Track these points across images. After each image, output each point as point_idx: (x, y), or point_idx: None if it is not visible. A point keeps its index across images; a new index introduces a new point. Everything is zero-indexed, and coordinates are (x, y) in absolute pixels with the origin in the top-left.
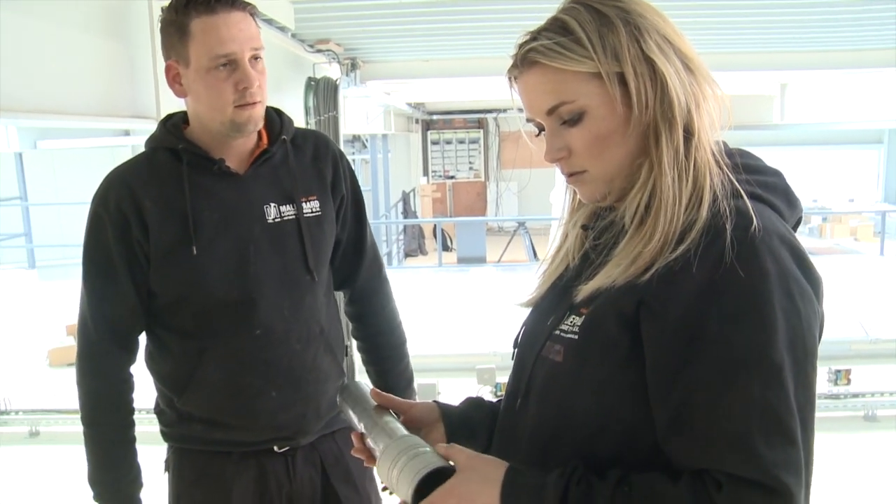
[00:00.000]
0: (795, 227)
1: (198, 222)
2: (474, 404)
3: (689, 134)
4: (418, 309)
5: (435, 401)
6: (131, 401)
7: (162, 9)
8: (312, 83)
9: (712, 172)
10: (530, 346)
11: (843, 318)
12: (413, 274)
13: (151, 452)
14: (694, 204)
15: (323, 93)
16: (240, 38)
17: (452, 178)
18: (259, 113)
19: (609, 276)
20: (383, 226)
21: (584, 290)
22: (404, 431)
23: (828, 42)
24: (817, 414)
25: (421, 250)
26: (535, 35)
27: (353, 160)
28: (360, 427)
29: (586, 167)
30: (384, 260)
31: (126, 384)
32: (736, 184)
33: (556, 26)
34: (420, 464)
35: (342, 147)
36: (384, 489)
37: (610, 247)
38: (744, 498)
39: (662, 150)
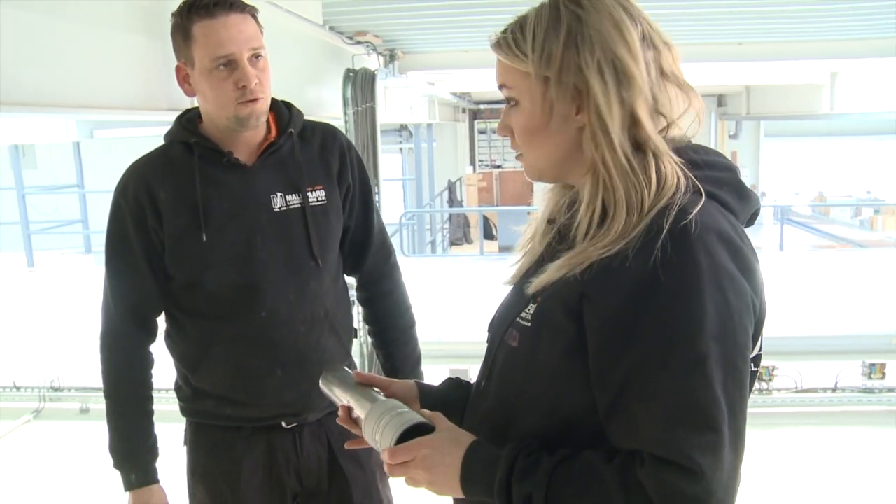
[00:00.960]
0: (752, 220)
1: (208, 211)
2: (453, 385)
3: (637, 146)
4: (456, 297)
5: (415, 380)
6: (149, 376)
7: (172, 14)
8: (351, 74)
9: (664, 176)
10: (497, 332)
11: (886, 313)
12: (454, 262)
13: (174, 429)
14: (644, 208)
15: (360, 84)
16: (238, 39)
17: (499, 167)
18: (261, 108)
19: (558, 270)
20: (427, 214)
21: (536, 283)
22: (386, 398)
23: (879, 29)
24: (851, 407)
25: (466, 239)
26: (507, 26)
27: (401, 149)
28: (345, 401)
29: (521, 150)
30: (429, 248)
31: (144, 361)
32: (694, 183)
33: (518, 22)
34: (403, 419)
35: (380, 137)
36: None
37: (568, 245)
38: (661, 475)
39: (609, 163)
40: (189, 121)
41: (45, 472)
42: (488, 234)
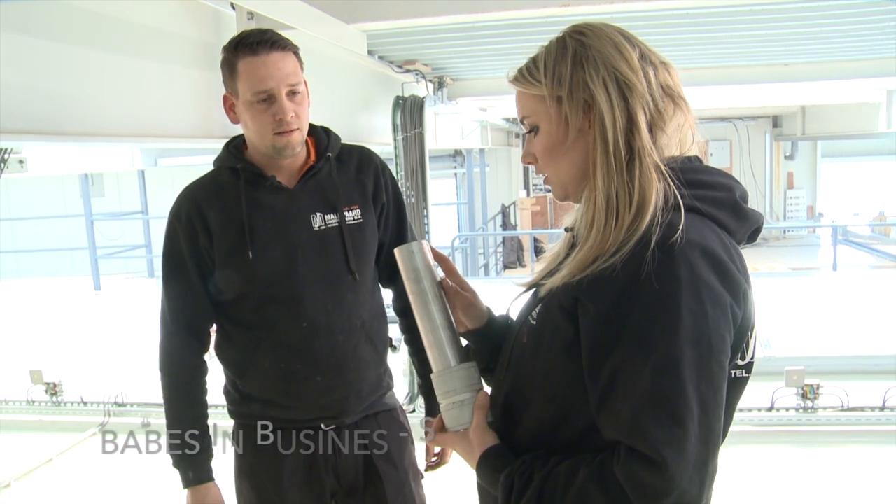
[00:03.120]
0: (754, 237)
1: (253, 230)
2: (507, 326)
3: (632, 154)
4: None
5: (489, 312)
6: (204, 383)
7: (222, 48)
8: (400, 101)
9: (657, 190)
10: (515, 329)
11: None
12: (503, 284)
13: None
14: (636, 218)
15: (410, 110)
16: (277, 75)
17: None
18: (296, 139)
19: (561, 276)
20: (480, 237)
21: (545, 286)
22: (455, 361)
23: None
24: None
25: (520, 262)
26: (527, 61)
27: (455, 174)
28: (414, 291)
29: (545, 172)
30: (482, 271)
31: (199, 369)
32: (677, 199)
33: (531, 58)
34: (459, 417)
35: (434, 162)
36: (427, 469)
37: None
38: (632, 466)
39: (597, 170)
40: (236, 147)
41: (109, 482)
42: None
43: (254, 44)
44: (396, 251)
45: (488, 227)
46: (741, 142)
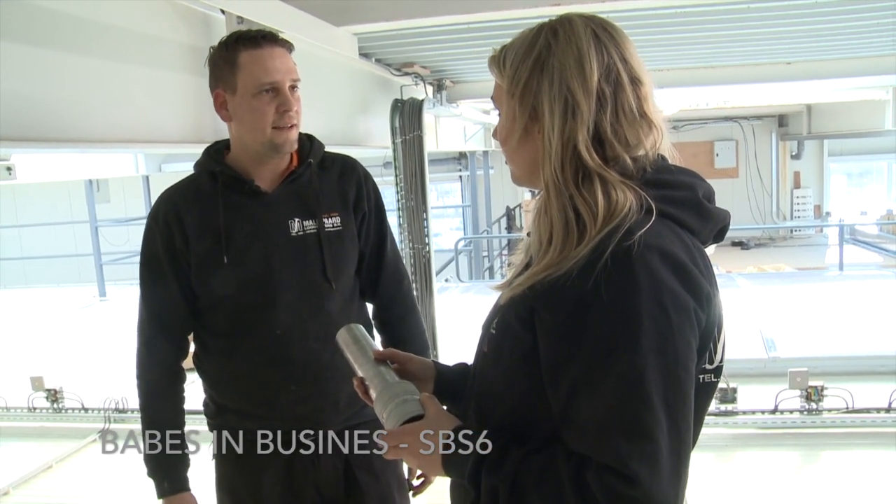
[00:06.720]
0: (720, 236)
1: (229, 235)
2: (463, 372)
3: (586, 171)
4: None
5: (433, 360)
6: (182, 390)
7: (211, 48)
8: (399, 104)
9: (614, 201)
10: (480, 338)
11: None
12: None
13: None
14: (591, 227)
15: (408, 113)
16: (282, 69)
17: None
18: (294, 136)
19: (518, 285)
20: (485, 240)
21: (503, 295)
22: (396, 379)
23: None
24: None
25: None
26: (506, 43)
27: (460, 177)
28: (358, 370)
29: (505, 156)
30: (486, 274)
31: (177, 376)
32: (650, 205)
33: (511, 41)
34: (403, 411)
35: (439, 165)
36: (414, 493)
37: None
38: (604, 480)
39: (549, 181)
40: (216, 151)
41: (107, 489)
42: None
43: (257, 38)
44: (338, 333)
45: (493, 230)
46: (747, 141)
